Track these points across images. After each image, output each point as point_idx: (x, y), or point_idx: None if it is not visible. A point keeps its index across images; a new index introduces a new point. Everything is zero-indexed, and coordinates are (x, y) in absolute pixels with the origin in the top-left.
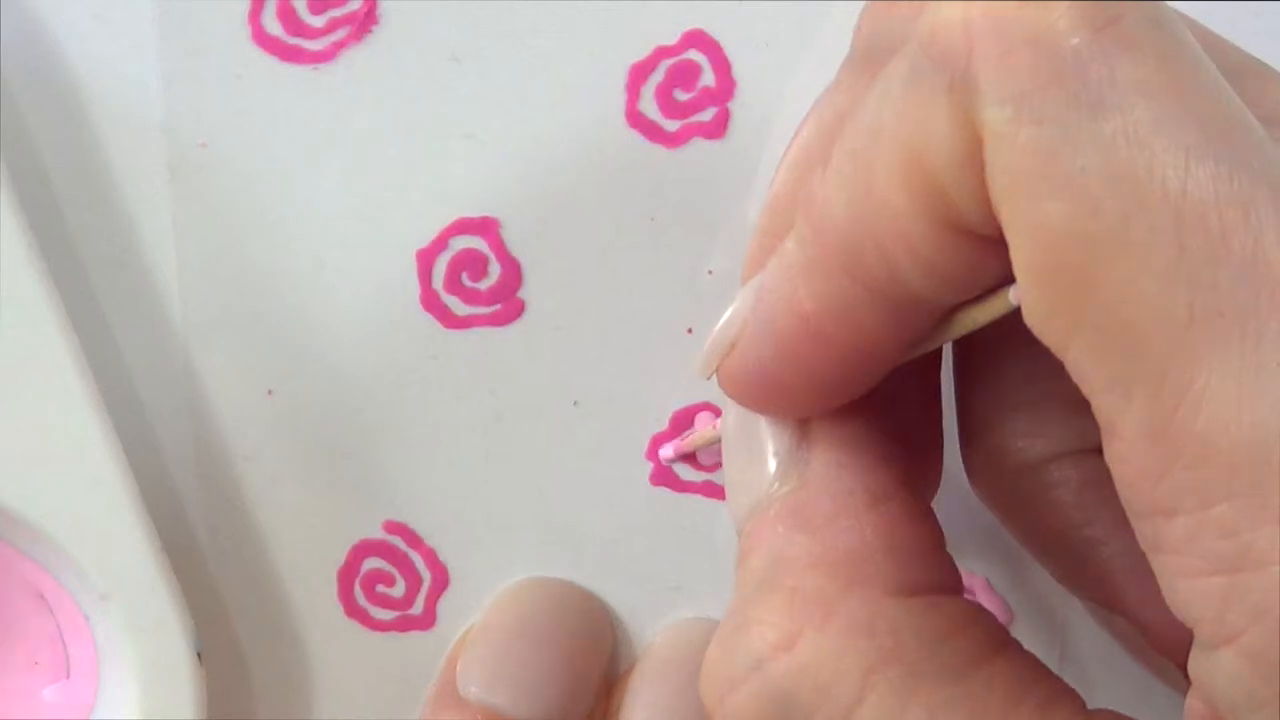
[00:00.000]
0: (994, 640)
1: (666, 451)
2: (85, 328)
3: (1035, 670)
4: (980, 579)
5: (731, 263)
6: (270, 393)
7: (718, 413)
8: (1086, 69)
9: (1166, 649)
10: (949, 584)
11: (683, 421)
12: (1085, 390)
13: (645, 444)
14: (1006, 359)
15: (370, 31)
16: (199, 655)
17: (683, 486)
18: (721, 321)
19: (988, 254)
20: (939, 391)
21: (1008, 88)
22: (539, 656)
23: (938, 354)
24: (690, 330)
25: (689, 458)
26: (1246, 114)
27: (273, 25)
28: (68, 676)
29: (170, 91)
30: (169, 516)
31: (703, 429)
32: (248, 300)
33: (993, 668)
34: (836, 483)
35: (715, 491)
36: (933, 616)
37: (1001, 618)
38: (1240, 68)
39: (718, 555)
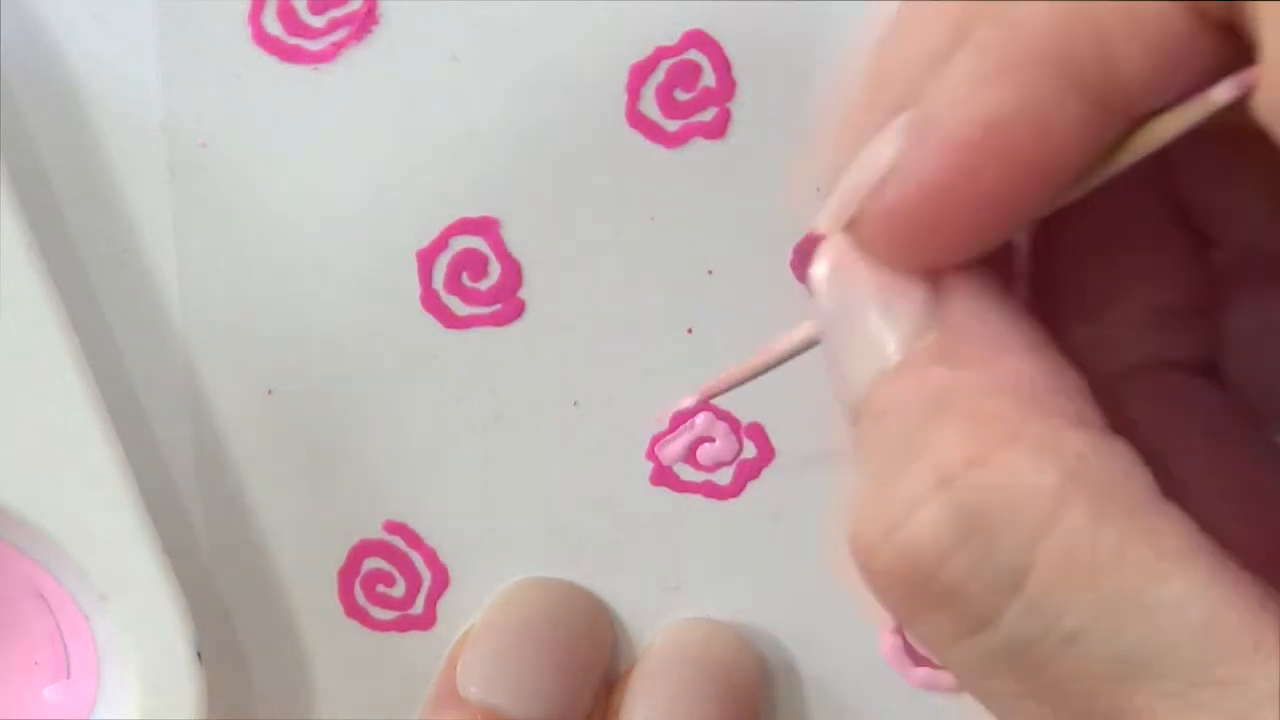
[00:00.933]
0: (1164, 486)
1: (689, 400)
2: (85, 328)
3: (1199, 523)
4: None
5: (732, 263)
6: (270, 393)
7: (718, 414)
8: None
9: (1252, 565)
10: (1112, 429)
11: (683, 422)
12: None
13: (645, 444)
14: (1091, 263)
15: (370, 31)
16: (199, 655)
17: (683, 486)
18: (854, 167)
19: (1213, 38)
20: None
21: None
22: (539, 656)
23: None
24: (690, 330)
25: (690, 460)
26: None
27: (273, 25)
28: (68, 676)
29: (170, 91)
30: (169, 516)
31: (750, 361)
32: (248, 300)
33: (1169, 509)
34: (986, 328)
35: (715, 491)
36: (1116, 452)
37: None
38: None
39: (718, 555)
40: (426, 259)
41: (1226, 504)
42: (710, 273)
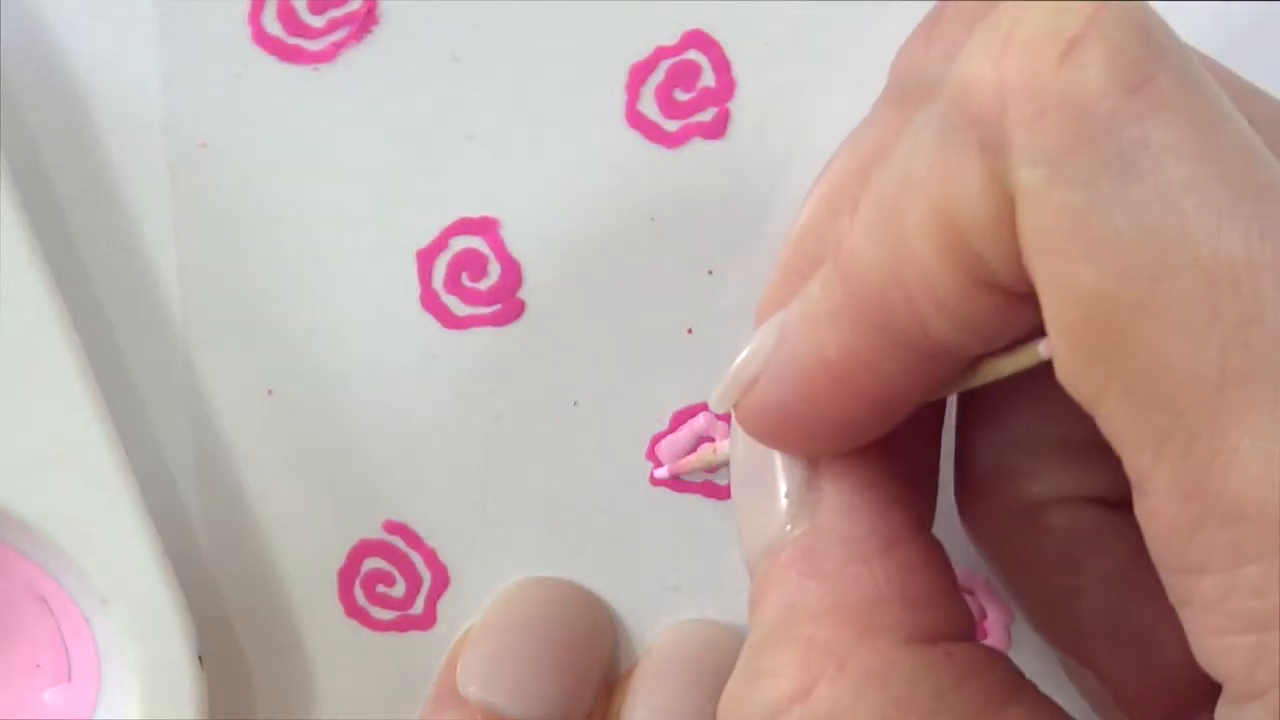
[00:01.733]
0: (1008, 687)
1: (661, 473)
2: (85, 328)
3: (1050, 715)
4: (980, 579)
5: (731, 263)
6: (270, 393)
7: (718, 414)
8: (1120, 132)
9: (1132, 709)
10: (962, 629)
11: (683, 422)
12: (1117, 447)
13: (645, 444)
14: (1012, 399)
15: (370, 31)
16: (200, 659)
17: (683, 486)
18: (742, 357)
19: (1018, 308)
20: (940, 433)
21: (1040, 149)
22: (539, 656)
23: (949, 398)
24: (690, 330)
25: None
26: (1278, 173)
27: (273, 25)
28: (69, 679)
29: (170, 91)
30: (169, 516)
31: (700, 452)
32: (248, 300)
33: (1009, 714)
34: (848, 527)
35: (715, 491)
36: (946, 665)
37: (1002, 618)
38: (1271, 119)
39: (718, 555)
40: (426, 259)
41: (1119, 646)
42: (710, 273)
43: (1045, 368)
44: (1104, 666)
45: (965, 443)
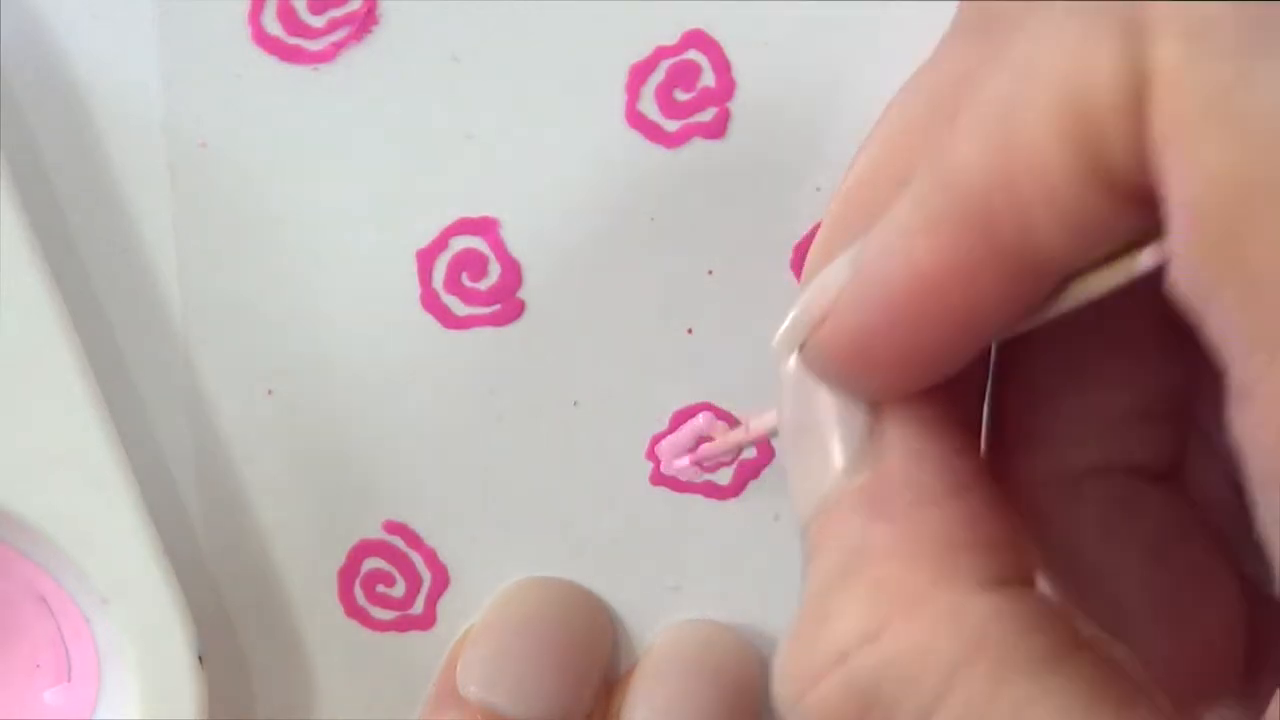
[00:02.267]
0: (1074, 637)
1: (682, 461)
2: (85, 328)
3: (1111, 669)
4: None
5: (731, 263)
6: (270, 393)
7: (719, 414)
8: (1268, 4)
9: (1165, 682)
10: (1029, 576)
11: (683, 422)
12: (1224, 350)
13: (645, 444)
14: (1052, 366)
15: (370, 31)
16: (200, 659)
17: (683, 486)
18: (807, 295)
19: (1131, 211)
20: (985, 391)
21: (1182, 22)
22: (539, 656)
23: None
24: (690, 330)
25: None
26: None
27: (273, 25)
28: (69, 679)
29: (170, 91)
30: (169, 517)
31: (733, 432)
32: (248, 300)
33: (1076, 662)
34: (915, 471)
35: (715, 491)
36: (1019, 608)
37: None
38: None
39: (718, 555)
40: (426, 259)
41: (1154, 617)
42: (710, 273)
43: (1092, 326)
44: (1139, 639)
45: (1000, 408)
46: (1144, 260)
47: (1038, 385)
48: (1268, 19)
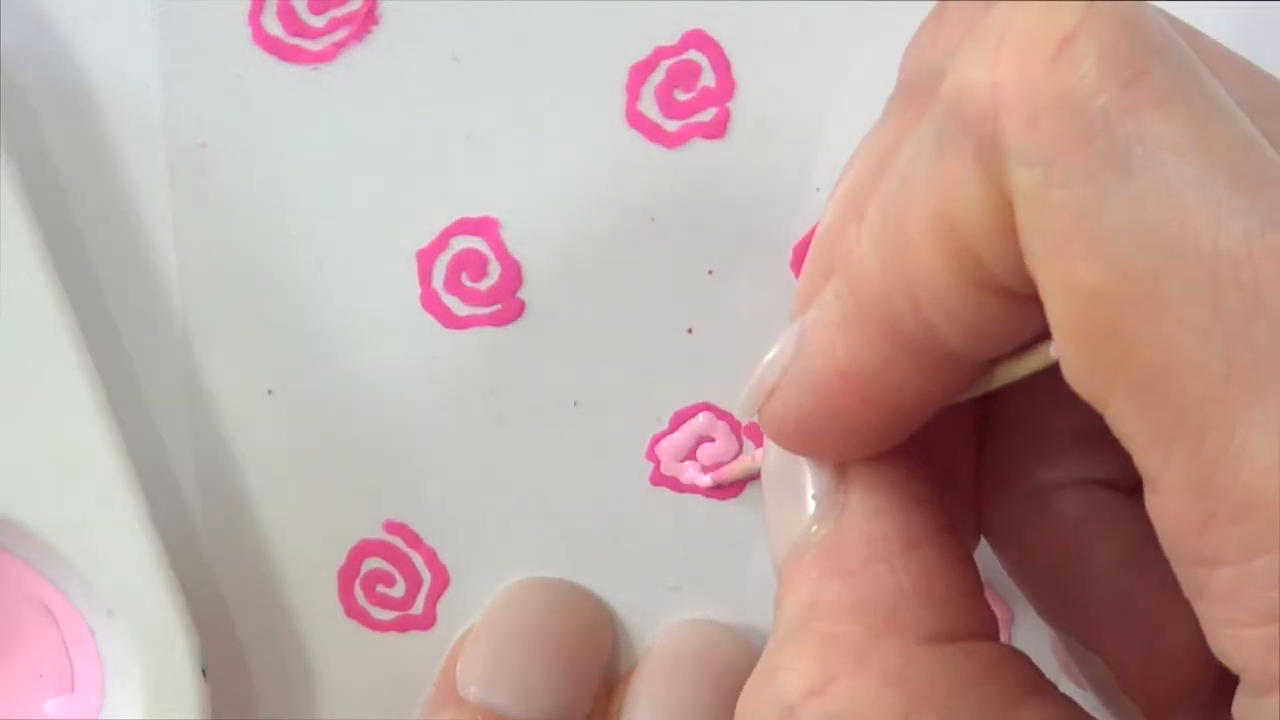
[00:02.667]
0: (1027, 685)
1: (704, 479)
2: (86, 328)
3: (1069, 713)
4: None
5: (731, 263)
6: (270, 393)
7: (718, 414)
8: (1115, 127)
9: (1139, 695)
10: (983, 629)
11: (683, 422)
12: (1126, 445)
13: (645, 444)
14: (1019, 388)
15: (370, 31)
16: (204, 672)
17: (683, 487)
18: (763, 364)
19: (1025, 311)
20: (971, 432)
21: (1036, 150)
22: (539, 656)
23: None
24: (690, 330)
25: (690, 457)
26: (1277, 163)
27: (273, 25)
28: (72, 690)
29: (170, 91)
30: (170, 517)
31: (741, 460)
32: (248, 300)
33: (1023, 713)
34: (872, 527)
35: (715, 492)
36: (965, 663)
37: (1002, 617)
38: (1271, 105)
39: (718, 555)
40: (426, 259)
41: (1128, 633)
42: (710, 273)
43: (1055, 364)
44: (1113, 653)
45: (979, 435)
46: (1054, 351)
47: (1004, 410)
48: (1114, 144)
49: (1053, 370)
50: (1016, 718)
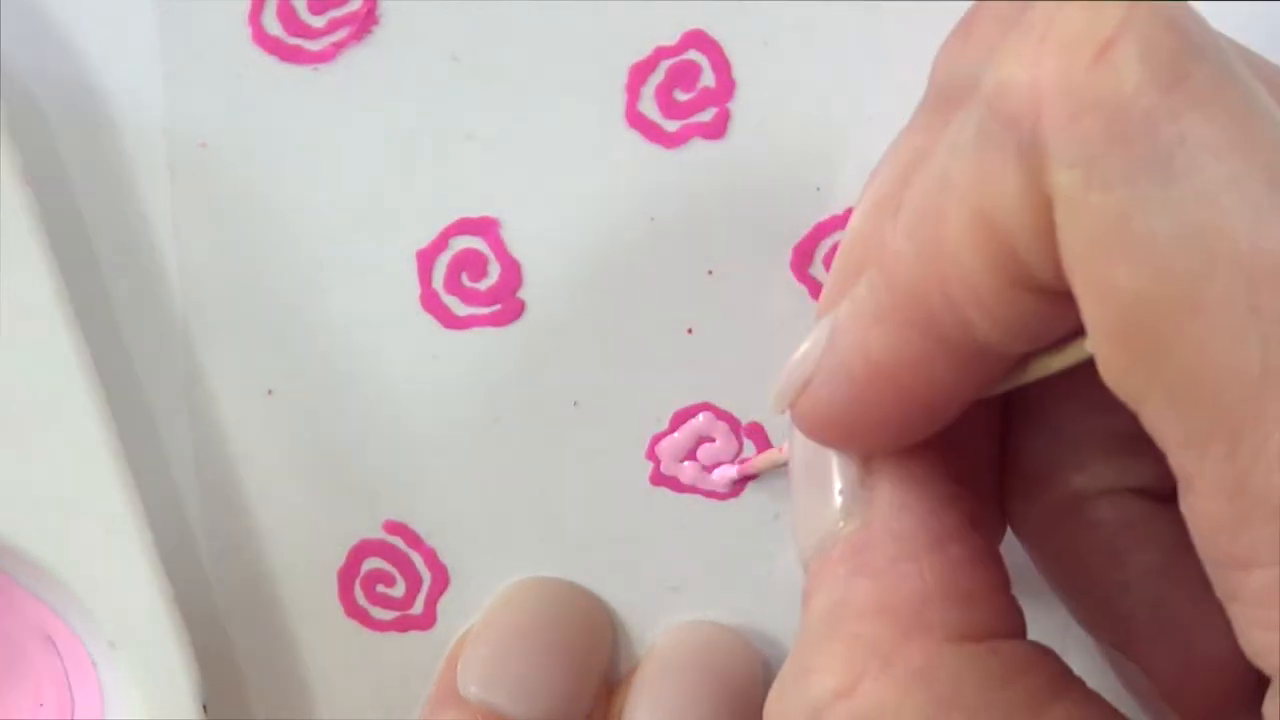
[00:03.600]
0: (1055, 684)
1: (729, 472)
2: (86, 328)
3: (1099, 711)
4: None
5: (731, 263)
6: (270, 393)
7: (718, 414)
8: (1156, 130)
9: (1178, 703)
10: (1011, 627)
11: (683, 422)
12: (1162, 446)
13: (645, 444)
14: (1054, 392)
15: (370, 31)
16: (204, 707)
17: (683, 487)
18: (795, 357)
19: (1059, 308)
20: (999, 428)
21: (1077, 151)
22: (539, 656)
23: (1003, 395)
24: (690, 330)
25: (690, 457)
26: None
27: (273, 25)
28: None
29: (170, 91)
30: (169, 517)
31: (769, 452)
32: (248, 300)
33: (1052, 713)
34: (899, 524)
35: (715, 492)
36: (992, 662)
37: None
38: None
39: (718, 555)
40: (426, 259)
41: (1164, 641)
42: (710, 273)
43: (1090, 362)
44: (1150, 661)
45: (1009, 439)
46: (1090, 346)
47: (1039, 418)
48: (1155, 146)
49: (1084, 377)
50: (1046, 716)
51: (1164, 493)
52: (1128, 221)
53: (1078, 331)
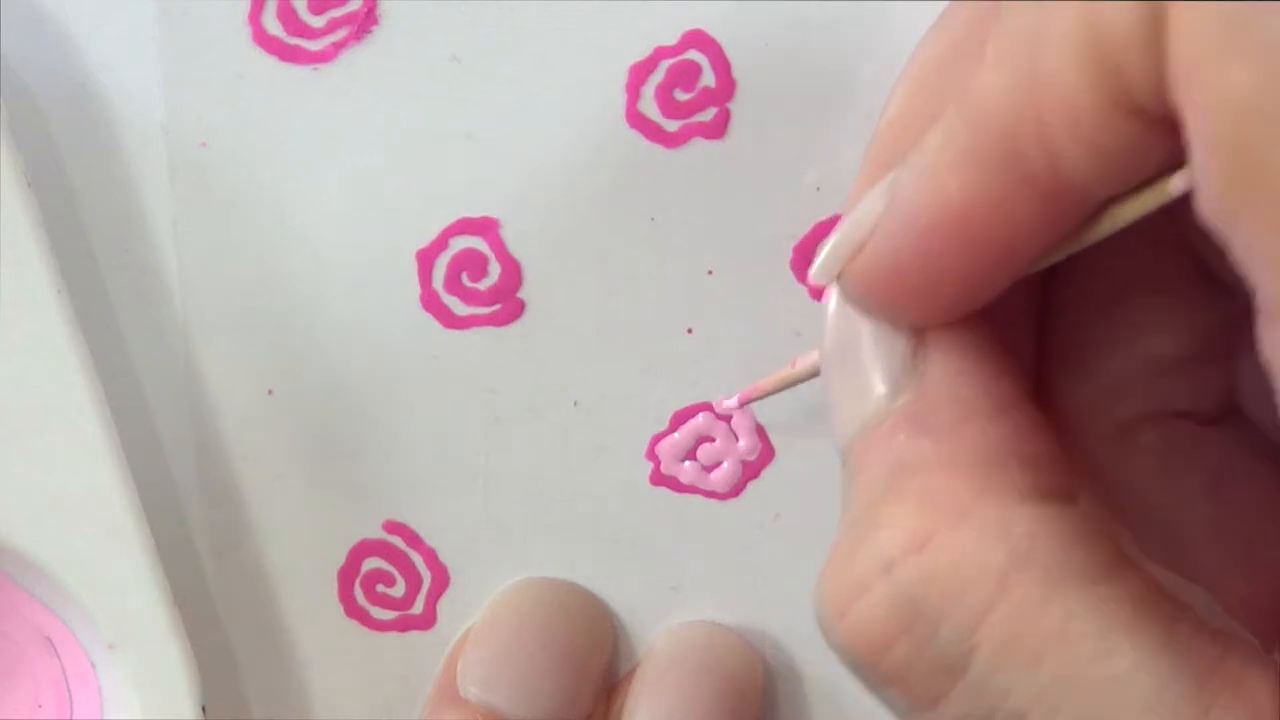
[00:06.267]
0: (1119, 552)
1: (730, 403)
2: (86, 328)
3: (1157, 585)
4: None
5: (731, 263)
6: (270, 393)
7: (719, 415)
8: None
9: (1246, 616)
10: (1072, 493)
11: (683, 422)
12: (1249, 271)
13: (645, 444)
14: (1091, 313)
15: (370, 31)
16: (203, 709)
17: (683, 487)
18: (846, 223)
19: (1156, 137)
20: (1034, 316)
21: None
22: (539, 656)
23: (1041, 287)
24: (690, 330)
25: (690, 457)
26: None
27: (273, 25)
28: None
29: (170, 91)
30: (169, 517)
31: (779, 371)
32: (248, 300)
33: (1121, 578)
34: (958, 390)
35: (715, 492)
36: (1064, 522)
37: None
38: None
39: (718, 555)
40: (426, 259)
41: (1225, 556)
42: (710, 273)
43: (1128, 275)
44: (1212, 577)
45: (1048, 379)
46: (1175, 184)
47: (1080, 337)
48: None
49: (1123, 297)
50: (1115, 580)
51: (1211, 415)
52: (1245, 24)
53: (1162, 173)
